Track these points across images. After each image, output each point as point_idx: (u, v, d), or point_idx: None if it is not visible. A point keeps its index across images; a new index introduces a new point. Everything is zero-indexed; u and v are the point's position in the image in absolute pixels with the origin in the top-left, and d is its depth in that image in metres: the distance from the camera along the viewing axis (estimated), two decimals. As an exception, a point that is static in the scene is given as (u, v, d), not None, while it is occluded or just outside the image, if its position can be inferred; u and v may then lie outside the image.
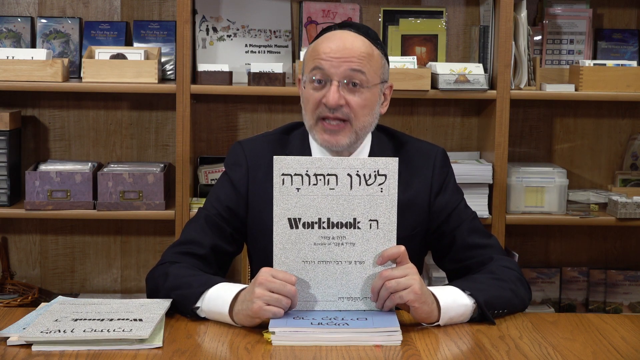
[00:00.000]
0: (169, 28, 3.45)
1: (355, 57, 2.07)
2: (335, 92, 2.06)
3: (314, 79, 2.09)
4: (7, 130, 3.21)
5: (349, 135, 2.10)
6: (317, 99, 2.09)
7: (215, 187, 2.23)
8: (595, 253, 3.64)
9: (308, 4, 3.46)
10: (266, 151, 2.18)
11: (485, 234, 2.21)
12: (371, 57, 2.10)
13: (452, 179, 2.25)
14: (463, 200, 2.23)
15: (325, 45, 2.09)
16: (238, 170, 2.19)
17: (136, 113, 3.50)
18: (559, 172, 3.30)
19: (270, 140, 2.23)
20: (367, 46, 2.11)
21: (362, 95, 2.09)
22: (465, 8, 3.51)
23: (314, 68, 2.09)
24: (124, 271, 3.55)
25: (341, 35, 2.11)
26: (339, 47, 2.08)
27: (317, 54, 2.10)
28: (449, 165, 2.25)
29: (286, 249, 1.86)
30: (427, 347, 1.78)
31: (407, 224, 2.13)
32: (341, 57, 2.07)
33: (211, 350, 1.75)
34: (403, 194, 2.13)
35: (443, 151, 2.25)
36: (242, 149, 2.21)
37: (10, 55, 3.18)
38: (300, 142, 2.21)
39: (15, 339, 1.76)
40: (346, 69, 2.07)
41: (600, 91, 3.25)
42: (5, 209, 3.23)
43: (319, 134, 2.11)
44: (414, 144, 2.25)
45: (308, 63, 2.13)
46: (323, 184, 1.85)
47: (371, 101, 2.11)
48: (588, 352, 1.79)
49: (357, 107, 2.08)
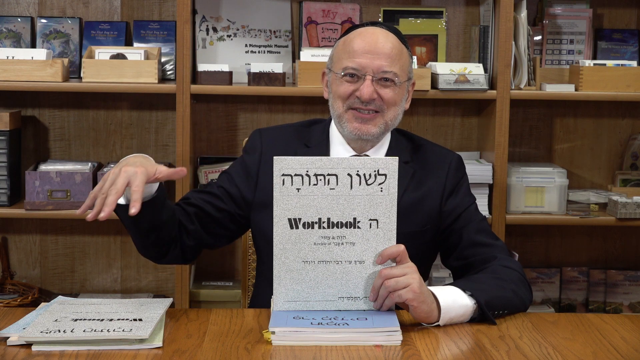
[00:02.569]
0: (169, 28, 3.45)
1: (388, 55, 2.14)
2: (370, 86, 2.13)
3: (348, 73, 2.14)
4: (7, 130, 3.21)
5: (379, 125, 2.16)
6: (350, 90, 2.15)
7: (229, 167, 2.30)
8: (595, 253, 3.64)
9: (308, 4, 3.45)
10: (284, 140, 2.26)
11: (492, 235, 2.23)
12: (401, 55, 2.17)
13: (465, 183, 2.28)
14: (474, 204, 2.27)
15: (358, 40, 2.16)
16: (253, 155, 2.26)
17: (136, 113, 3.50)
18: (559, 172, 3.30)
19: (290, 131, 2.30)
20: (398, 44, 2.17)
21: (394, 90, 2.15)
22: (465, 8, 3.51)
23: (347, 64, 2.14)
24: (124, 271, 3.55)
25: (373, 31, 2.17)
26: (372, 43, 2.14)
27: (350, 49, 2.15)
28: (463, 171, 2.30)
29: (286, 249, 1.86)
30: (427, 347, 1.78)
31: (418, 220, 2.18)
32: (375, 53, 2.13)
33: (211, 350, 1.75)
34: (416, 192, 2.19)
35: (459, 157, 2.30)
36: (260, 136, 2.28)
37: (10, 55, 3.18)
38: (320, 134, 2.26)
39: (15, 339, 1.75)
40: (380, 65, 2.13)
41: (600, 91, 3.25)
42: (5, 209, 3.23)
43: (349, 122, 2.17)
44: (432, 148, 2.31)
45: (339, 58, 2.18)
46: (323, 184, 1.85)
47: (400, 96, 2.18)
48: (588, 352, 1.79)
49: (389, 100, 2.15)
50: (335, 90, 2.18)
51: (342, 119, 2.17)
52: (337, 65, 2.18)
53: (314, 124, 2.31)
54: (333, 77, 2.19)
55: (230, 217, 2.22)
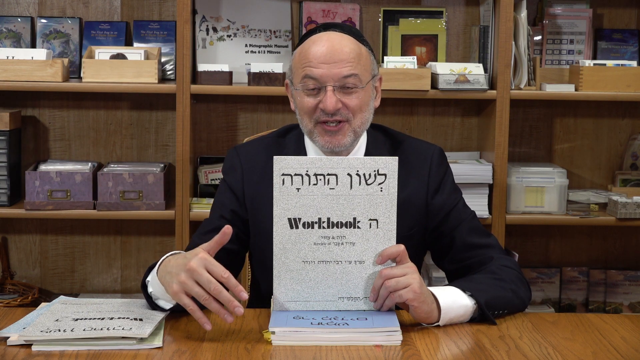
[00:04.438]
0: (169, 28, 3.45)
1: (346, 60, 2.06)
2: (332, 97, 2.06)
3: (308, 88, 2.08)
4: (7, 130, 3.21)
5: (348, 134, 2.10)
6: (313, 104, 2.09)
7: (216, 196, 2.24)
8: (595, 253, 3.64)
9: (308, 4, 3.45)
10: (261, 154, 2.19)
11: (484, 233, 2.20)
12: (360, 56, 2.09)
13: (449, 177, 2.23)
14: (461, 199, 2.22)
15: (314, 50, 2.08)
16: (234, 175, 2.20)
17: (136, 113, 3.50)
18: (559, 172, 3.30)
19: (266, 144, 2.24)
20: (355, 45, 2.10)
21: (358, 95, 2.08)
22: (465, 8, 3.51)
23: (305, 76, 2.08)
24: (124, 271, 3.55)
25: (328, 37, 2.09)
26: (329, 51, 2.06)
27: (306, 60, 2.08)
28: (446, 163, 2.24)
29: (286, 249, 1.86)
30: (427, 347, 1.78)
31: (404, 223, 2.11)
32: (332, 62, 2.06)
33: (211, 350, 1.75)
34: (400, 193, 2.11)
35: (440, 150, 2.24)
36: (237, 154, 2.22)
37: (10, 55, 3.19)
38: (295, 144, 2.21)
39: (15, 339, 1.75)
40: (339, 73, 2.06)
41: (600, 91, 3.25)
42: (5, 209, 3.23)
43: (320, 136, 2.11)
44: (411, 143, 2.24)
45: (298, 70, 2.11)
46: (323, 184, 1.85)
47: (366, 99, 2.11)
48: (588, 352, 1.79)
49: (355, 107, 2.08)
50: (299, 104, 2.12)
51: (313, 134, 2.12)
52: (297, 79, 2.11)
53: (289, 132, 2.25)
54: (295, 91, 2.13)
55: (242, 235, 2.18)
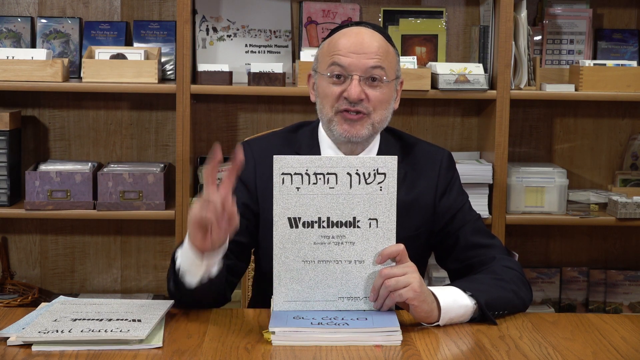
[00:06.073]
0: (169, 28, 3.45)
1: (374, 53, 2.10)
2: (357, 86, 2.09)
3: (334, 74, 2.11)
4: (7, 130, 3.21)
5: (366, 126, 2.12)
6: (337, 92, 2.11)
7: None
8: (595, 253, 3.64)
9: (308, 4, 3.45)
10: (273, 148, 2.18)
11: (488, 234, 2.22)
12: (388, 53, 2.14)
13: (457, 181, 2.26)
14: (468, 202, 2.25)
15: (343, 40, 2.12)
16: (246, 168, 2.18)
17: (136, 113, 3.50)
18: (559, 172, 3.30)
19: (278, 139, 2.26)
20: (384, 42, 2.14)
21: (382, 89, 2.12)
22: (465, 8, 3.51)
23: (332, 63, 2.11)
24: (124, 271, 3.55)
25: (358, 31, 2.14)
26: (358, 43, 2.11)
27: (335, 49, 2.12)
28: (454, 168, 2.27)
29: (286, 249, 1.86)
30: (427, 347, 1.78)
31: (411, 223, 2.14)
32: (361, 53, 2.10)
33: (211, 350, 1.75)
34: (408, 194, 2.16)
35: (449, 154, 2.28)
36: (250, 147, 2.23)
37: (10, 55, 3.18)
38: (308, 138, 2.22)
39: (14, 339, 1.75)
40: (366, 64, 2.10)
41: (600, 91, 3.25)
42: (5, 209, 3.23)
43: (339, 124, 2.13)
44: (422, 146, 2.27)
45: (325, 59, 2.14)
46: (323, 183, 1.85)
47: (388, 96, 2.14)
48: (588, 352, 1.79)
49: (377, 101, 2.11)
50: (322, 92, 2.14)
51: (332, 122, 2.13)
52: (323, 66, 2.14)
53: (301, 128, 2.27)
54: (319, 79, 2.15)
55: (252, 228, 2.18)
